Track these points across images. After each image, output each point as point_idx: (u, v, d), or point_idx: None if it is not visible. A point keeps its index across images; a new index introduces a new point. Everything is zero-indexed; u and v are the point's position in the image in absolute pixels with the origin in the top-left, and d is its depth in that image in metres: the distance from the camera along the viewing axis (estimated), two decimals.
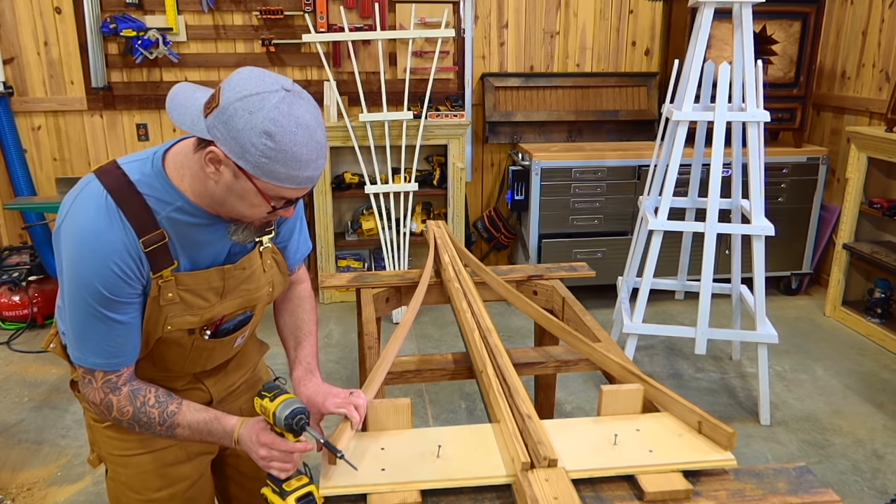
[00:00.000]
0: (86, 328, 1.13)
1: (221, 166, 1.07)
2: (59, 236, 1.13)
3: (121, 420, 1.20)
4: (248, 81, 1.04)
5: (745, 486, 1.14)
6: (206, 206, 1.15)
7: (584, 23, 4.32)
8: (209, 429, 1.21)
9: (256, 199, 1.09)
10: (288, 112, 1.02)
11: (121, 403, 1.18)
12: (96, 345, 1.14)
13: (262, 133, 1.01)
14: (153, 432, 1.21)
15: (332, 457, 1.14)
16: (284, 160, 1.03)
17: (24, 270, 3.81)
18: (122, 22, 3.80)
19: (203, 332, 1.24)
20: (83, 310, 1.12)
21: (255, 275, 1.29)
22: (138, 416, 1.19)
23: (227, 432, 1.20)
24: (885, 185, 3.81)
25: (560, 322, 1.69)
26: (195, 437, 1.22)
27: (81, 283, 1.10)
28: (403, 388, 3.01)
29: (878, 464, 2.62)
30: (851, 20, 4.04)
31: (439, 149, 4.15)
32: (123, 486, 1.36)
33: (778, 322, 3.59)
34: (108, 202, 1.10)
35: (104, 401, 1.18)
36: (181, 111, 1.09)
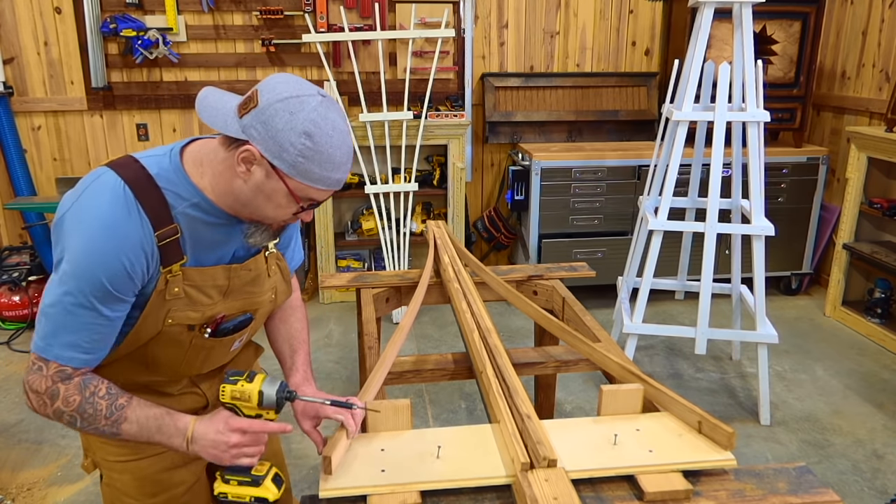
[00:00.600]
0: (68, 320, 1.09)
1: (253, 166, 1.09)
2: (62, 225, 1.11)
3: (62, 412, 1.11)
4: (287, 85, 1.08)
5: (746, 486, 1.14)
6: (226, 206, 1.16)
7: (584, 23, 4.32)
8: (158, 425, 1.14)
9: (285, 199, 1.12)
10: (325, 115, 1.08)
11: (68, 392, 1.11)
12: (72, 338, 1.10)
13: (302, 133, 1.06)
14: (95, 427, 1.13)
15: (328, 465, 1.14)
16: (320, 161, 1.08)
17: (24, 270, 3.81)
18: (122, 22, 3.80)
19: (203, 329, 1.23)
20: (74, 301, 1.08)
21: (259, 278, 1.29)
22: (84, 406, 1.11)
23: (180, 429, 1.15)
24: (885, 185, 3.81)
25: (560, 322, 1.69)
26: (142, 434, 1.14)
27: (85, 274, 1.07)
28: (403, 388, 3.01)
29: (878, 464, 2.62)
30: (851, 20, 4.04)
31: (439, 149, 4.15)
32: (119, 492, 1.35)
33: (778, 322, 3.59)
34: (127, 193, 1.10)
35: (50, 389, 1.11)
36: (212, 112, 1.11)
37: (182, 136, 4.12)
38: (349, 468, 1.16)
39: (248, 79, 4.07)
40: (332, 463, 1.13)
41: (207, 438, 1.14)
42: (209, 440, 1.13)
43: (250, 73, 4.07)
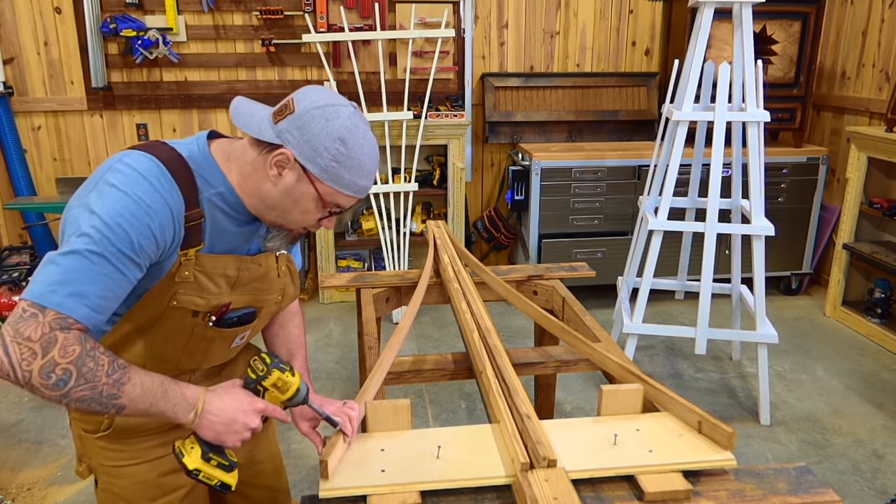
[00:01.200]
0: (84, 268, 1.02)
1: (285, 170, 1.13)
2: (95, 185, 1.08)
3: (55, 364, 0.98)
4: (322, 95, 1.15)
5: (746, 486, 1.14)
6: (251, 207, 1.19)
7: (584, 23, 4.32)
8: (164, 390, 1.07)
9: (312, 204, 1.16)
10: (358, 124, 1.14)
11: (67, 341, 0.99)
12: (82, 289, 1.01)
13: (337, 139, 1.11)
14: (92, 386, 1.01)
15: (325, 469, 1.14)
16: (351, 167, 1.14)
17: (24, 270, 3.81)
18: (122, 22, 3.80)
19: (207, 317, 1.23)
20: (97, 250, 1.02)
21: (268, 276, 1.30)
22: (83, 359, 1.00)
23: (188, 399, 1.10)
24: (885, 185, 3.81)
25: (560, 322, 1.69)
26: (144, 399, 1.05)
27: (115, 228, 1.03)
28: (403, 388, 3.01)
29: (878, 464, 2.62)
30: (851, 20, 4.04)
31: (439, 149, 4.15)
32: (117, 497, 1.34)
33: (778, 322, 3.59)
34: (164, 170, 1.10)
35: (46, 336, 0.98)
36: (246, 118, 1.16)
37: (182, 136, 4.12)
38: (349, 468, 1.16)
39: (247, 79, 4.07)
40: (328, 467, 1.13)
41: (226, 415, 1.11)
42: (228, 416, 1.11)
43: (250, 72, 4.07)
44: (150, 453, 1.32)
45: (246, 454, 1.50)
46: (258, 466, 1.54)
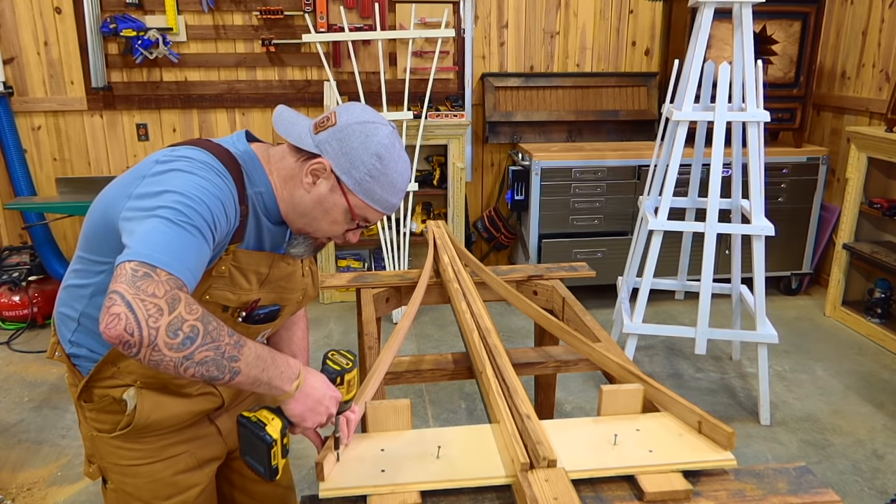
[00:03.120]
0: (178, 239, 0.99)
1: (320, 179, 1.18)
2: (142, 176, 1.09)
3: (182, 321, 0.94)
4: (364, 112, 1.20)
5: (746, 487, 1.14)
6: (283, 211, 1.23)
7: (584, 23, 4.32)
8: (273, 357, 1.07)
9: (342, 216, 1.20)
10: (394, 144, 1.20)
11: (189, 300, 0.96)
12: (182, 254, 0.99)
13: (374, 154, 1.16)
14: (218, 344, 0.98)
15: (321, 472, 1.14)
16: (384, 183, 1.18)
17: (24, 270, 3.81)
18: (122, 22, 3.80)
19: (237, 313, 1.24)
20: (186, 223, 1.01)
21: (294, 276, 1.32)
22: (207, 317, 0.97)
23: (292, 368, 1.10)
24: (885, 185, 3.81)
25: (560, 322, 1.69)
26: (258, 364, 1.04)
27: (195, 199, 1.03)
28: (403, 388, 3.01)
29: (878, 464, 2.62)
30: (851, 20, 4.04)
31: (439, 149, 4.15)
32: (130, 496, 1.34)
33: (778, 322, 3.59)
34: (218, 161, 1.13)
35: (169, 293, 0.93)
36: (288, 126, 1.21)
37: (182, 136, 4.12)
38: (349, 468, 1.16)
39: (248, 79, 4.06)
40: (324, 469, 1.13)
41: (318, 393, 1.13)
42: (318, 395, 1.13)
43: (250, 73, 4.07)
44: (166, 452, 1.32)
45: None
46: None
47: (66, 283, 1.27)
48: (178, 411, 1.30)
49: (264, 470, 1.11)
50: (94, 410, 1.28)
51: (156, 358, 0.93)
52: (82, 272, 1.22)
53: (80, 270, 1.23)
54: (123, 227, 1.04)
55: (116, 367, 1.24)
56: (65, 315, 1.27)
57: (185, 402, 1.30)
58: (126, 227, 1.03)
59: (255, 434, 1.09)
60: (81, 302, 1.23)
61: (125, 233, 1.02)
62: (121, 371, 1.24)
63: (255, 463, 1.12)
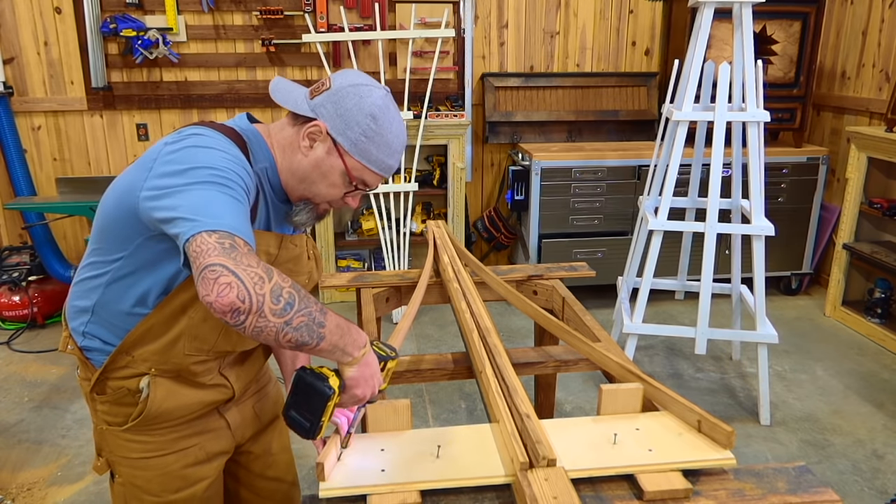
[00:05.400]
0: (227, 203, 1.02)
1: (317, 142, 1.20)
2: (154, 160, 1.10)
3: (281, 288, 0.96)
4: (358, 76, 1.22)
5: (745, 486, 1.14)
6: (284, 181, 1.24)
7: (584, 23, 4.32)
8: (348, 326, 1.10)
9: (339, 179, 1.21)
10: (389, 105, 1.21)
11: (273, 268, 0.99)
12: (239, 218, 1.01)
13: (369, 114, 1.18)
14: (310, 310, 1.01)
15: (321, 472, 1.14)
16: (379, 143, 1.19)
17: (24, 270, 3.81)
18: (122, 22, 3.80)
19: None
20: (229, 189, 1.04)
21: (300, 258, 1.34)
22: (297, 288, 1.00)
23: (362, 337, 1.13)
24: (885, 185, 3.81)
25: (560, 322, 1.69)
26: (338, 329, 1.07)
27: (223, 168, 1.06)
28: (403, 388, 3.01)
29: (878, 464, 2.62)
30: (851, 20, 4.04)
31: (439, 149, 4.15)
32: (138, 489, 1.35)
33: (778, 322, 3.59)
34: (228, 139, 1.15)
35: (262, 263, 0.97)
36: (285, 94, 1.23)
37: None
38: (349, 468, 1.16)
39: (248, 79, 4.07)
40: (325, 469, 1.13)
41: (374, 366, 1.16)
42: (374, 368, 1.16)
43: (250, 72, 4.07)
44: (177, 445, 1.33)
45: (262, 445, 1.53)
46: (273, 458, 1.55)
47: (78, 279, 1.28)
48: (189, 401, 1.30)
49: (311, 425, 1.12)
50: (107, 403, 1.29)
51: (261, 324, 0.95)
52: (97, 264, 1.23)
53: (94, 263, 1.24)
54: (156, 206, 1.05)
55: (131, 356, 1.25)
56: (78, 308, 1.27)
57: (197, 393, 1.31)
58: (161, 204, 1.04)
59: (316, 385, 1.11)
60: (97, 292, 1.24)
61: (163, 210, 1.03)
62: (135, 360, 1.25)
63: (302, 418, 1.13)
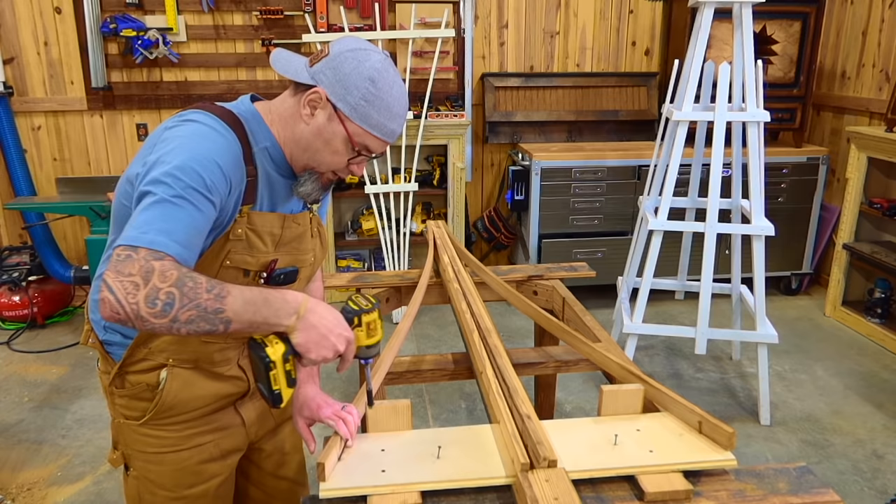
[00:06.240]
0: (166, 211, 1.05)
1: (318, 109, 1.19)
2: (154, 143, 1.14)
3: (157, 290, 1.00)
4: (356, 41, 1.22)
5: (746, 487, 1.14)
6: (288, 153, 1.25)
7: (584, 23, 4.32)
8: (265, 297, 1.08)
9: (342, 145, 1.21)
10: (388, 68, 1.20)
11: (164, 267, 1.01)
12: (168, 226, 1.05)
13: (367, 78, 1.17)
14: (196, 303, 1.02)
15: (322, 472, 1.14)
16: (379, 107, 1.18)
17: (24, 270, 3.81)
18: (122, 22, 3.80)
19: (258, 276, 1.26)
20: (174, 193, 1.06)
21: (304, 235, 1.34)
22: (182, 280, 1.02)
23: (290, 302, 1.10)
24: (885, 185, 3.81)
25: (560, 322, 1.69)
26: (248, 308, 1.06)
27: (186, 168, 1.07)
28: (403, 388, 3.01)
29: (878, 464, 2.62)
30: (851, 20, 4.04)
31: (439, 149, 4.14)
32: (151, 483, 1.35)
33: (778, 322, 3.59)
34: (222, 122, 1.17)
35: (144, 267, 1.00)
36: (285, 64, 1.23)
37: None
38: (349, 468, 1.16)
39: (248, 79, 4.06)
40: (325, 470, 1.13)
41: (326, 323, 1.12)
42: (327, 326, 1.12)
43: (250, 73, 4.07)
44: (192, 440, 1.33)
45: (276, 443, 1.52)
46: (286, 457, 1.55)
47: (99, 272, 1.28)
48: (204, 393, 1.31)
49: (267, 393, 1.12)
50: (125, 397, 1.30)
51: (147, 326, 1.01)
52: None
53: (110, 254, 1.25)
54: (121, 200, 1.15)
55: (147, 348, 1.26)
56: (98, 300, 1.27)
57: (213, 384, 1.31)
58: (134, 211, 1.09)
59: (256, 354, 1.11)
60: None
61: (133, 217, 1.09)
62: (152, 351, 1.26)
63: (262, 387, 1.13)
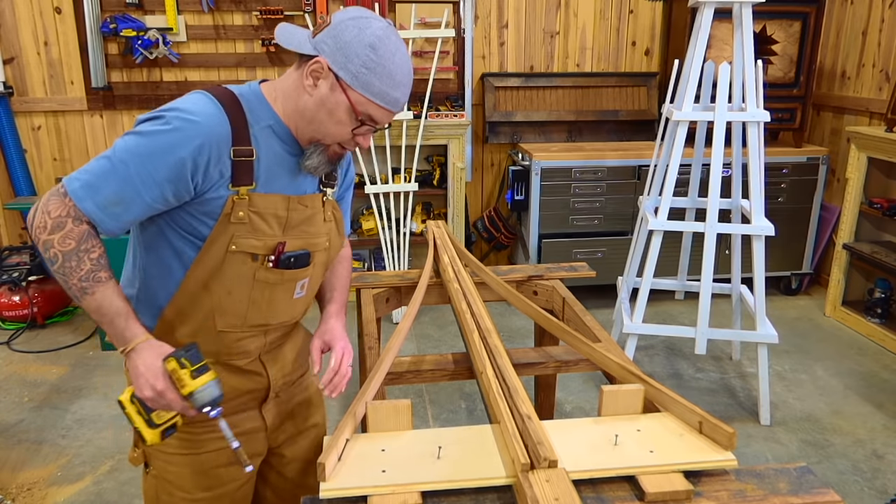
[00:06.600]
0: (104, 173, 1.12)
1: (320, 80, 1.19)
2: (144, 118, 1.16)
3: (51, 245, 1.10)
4: (357, 10, 1.22)
5: (746, 487, 1.14)
6: (293, 127, 1.25)
7: (584, 23, 4.32)
8: (112, 319, 1.15)
9: (345, 115, 1.20)
10: (389, 36, 1.19)
11: (72, 233, 1.11)
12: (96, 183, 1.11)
13: (368, 45, 1.16)
14: (65, 280, 1.13)
15: (322, 472, 1.13)
16: (381, 74, 1.17)
17: (24, 270, 3.81)
18: (122, 22, 3.80)
19: (266, 260, 1.25)
20: (118, 160, 1.12)
21: (314, 218, 1.32)
22: (71, 256, 1.11)
23: (126, 338, 1.15)
24: (885, 185, 3.81)
25: (560, 322, 1.69)
26: (97, 315, 1.15)
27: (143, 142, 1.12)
28: (403, 388, 3.01)
29: (878, 464, 2.62)
30: (851, 20, 4.04)
31: (439, 149, 4.14)
32: (171, 484, 1.35)
33: (778, 322, 3.59)
34: (215, 102, 1.18)
35: (61, 219, 1.10)
36: (289, 37, 1.24)
37: None
38: (350, 468, 1.16)
39: (248, 79, 4.06)
40: (325, 470, 1.13)
41: (140, 364, 1.14)
42: (140, 367, 1.14)
43: (250, 73, 4.07)
44: (213, 444, 1.33)
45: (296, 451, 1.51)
46: (308, 465, 1.53)
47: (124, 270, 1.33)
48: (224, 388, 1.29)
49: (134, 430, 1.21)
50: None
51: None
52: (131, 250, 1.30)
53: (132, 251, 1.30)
54: None
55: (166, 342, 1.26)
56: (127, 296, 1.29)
57: (233, 378, 1.32)
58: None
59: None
60: (137, 276, 1.28)
61: None
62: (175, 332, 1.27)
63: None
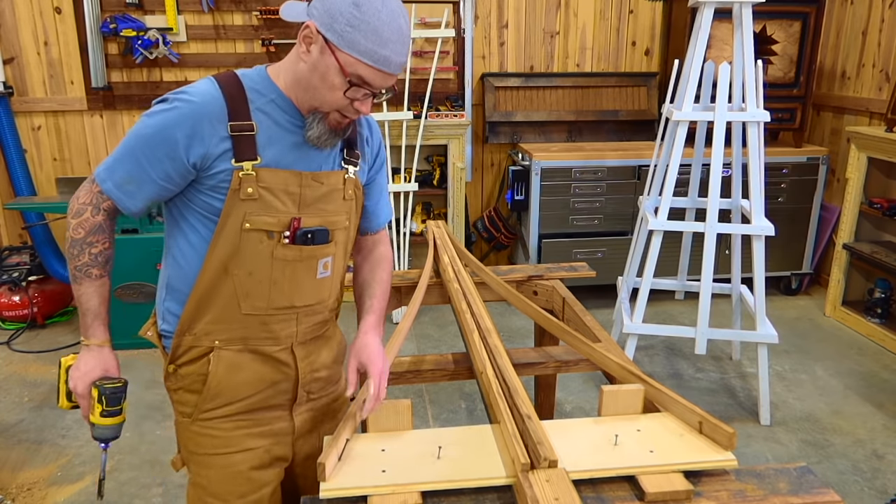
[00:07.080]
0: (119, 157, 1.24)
1: (312, 45, 1.19)
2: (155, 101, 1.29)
3: (70, 227, 1.26)
4: None
5: (747, 487, 1.14)
6: (294, 98, 1.25)
7: (584, 23, 4.32)
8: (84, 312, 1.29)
9: (337, 78, 1.19)
10: None
11: (86, 223, 1.25)
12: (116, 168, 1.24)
13: (351, 3, 1.15)
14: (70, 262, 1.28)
15: (322, 472, 1.13)
16: (366, 31, 1.15)
17: (24, 270, 3.81)
18: (122, 22, 3.80)
19: (282, 236, 1.25)
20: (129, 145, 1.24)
21: (332, 196, 1.31)
22: (74, 245, 1.26)
23: (86, 334, 1.30)
24: (885, 185, 3.81)
25: (560, 322, 1.69)
26: (77, 302, 1.31)
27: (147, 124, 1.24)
28: (403, 388, 3.01)
29: (878, 464, 2.62)
30: (851, 20, 4.04)
31: (439, 149, 4.14)
32: (203, 490, 1.34)
33: (778, 322, 3.59)
34: (215, 83, 1.24)
35: (83, 206, 1.26)
36: (290, 11, 1.26)
37: None
38: (350, 468, 1.16)
39: None
40: (325, 470, 1.13)
41: (83, 366, 1.30)
42: (81, 367, 1.30)
43: None
44: (243, 443, 1.33)
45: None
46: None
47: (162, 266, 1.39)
48: (250, 378, 1.31)
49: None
50: (179, 390, 1.32)
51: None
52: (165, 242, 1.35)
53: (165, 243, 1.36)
54: None
55: (193, 334, 1.28)
56: (161, 285, 1.35)
57: (259, 367, 1.31)
58: None
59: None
60: (168, 264, 1.32)
61: None
62: (198, 337, 1.28)
63: None
